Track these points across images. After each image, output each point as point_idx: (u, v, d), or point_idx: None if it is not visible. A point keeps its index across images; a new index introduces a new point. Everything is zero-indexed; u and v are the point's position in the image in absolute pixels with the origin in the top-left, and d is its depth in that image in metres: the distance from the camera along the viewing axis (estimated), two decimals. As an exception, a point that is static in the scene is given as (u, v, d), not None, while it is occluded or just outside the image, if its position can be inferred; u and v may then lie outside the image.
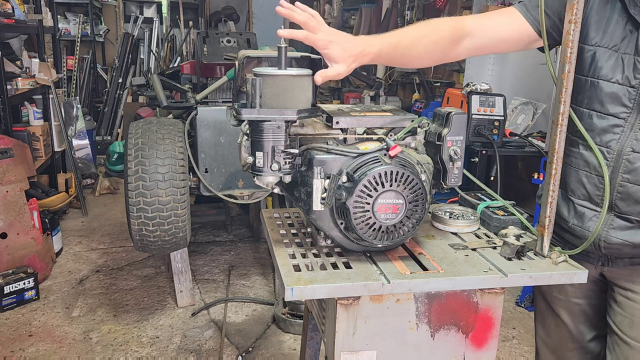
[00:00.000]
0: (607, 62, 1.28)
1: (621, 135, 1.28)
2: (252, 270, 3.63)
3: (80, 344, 2.75)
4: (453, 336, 1.30)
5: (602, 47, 1.29)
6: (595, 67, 1.31)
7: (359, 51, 1.24)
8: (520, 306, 3.22)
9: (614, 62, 1.27)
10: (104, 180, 5.28)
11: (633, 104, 1.26)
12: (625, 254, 1.34)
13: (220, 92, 3.27)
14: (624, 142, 1.27)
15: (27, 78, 4.12)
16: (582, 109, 1.34)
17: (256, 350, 2.75)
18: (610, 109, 1.29)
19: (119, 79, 6.42)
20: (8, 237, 3.19)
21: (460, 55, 1.43)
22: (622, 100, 1.27)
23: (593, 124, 1.32)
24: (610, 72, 1.28)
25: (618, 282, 1.40)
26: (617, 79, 1.27)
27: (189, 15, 7.92)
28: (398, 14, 6.07)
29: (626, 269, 1.37)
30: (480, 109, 3.21)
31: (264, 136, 1.23)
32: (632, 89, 1.25)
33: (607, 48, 1.28)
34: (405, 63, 1.41)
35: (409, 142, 1.37)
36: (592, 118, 1.32)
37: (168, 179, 2.58)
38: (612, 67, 1.28)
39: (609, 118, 1.29)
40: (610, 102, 1.29)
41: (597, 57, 1.30)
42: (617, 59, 1.27)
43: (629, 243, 1.31)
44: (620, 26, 1.26)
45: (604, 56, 1.29)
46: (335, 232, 1.31)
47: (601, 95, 1.30)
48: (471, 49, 1.42)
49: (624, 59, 1.26)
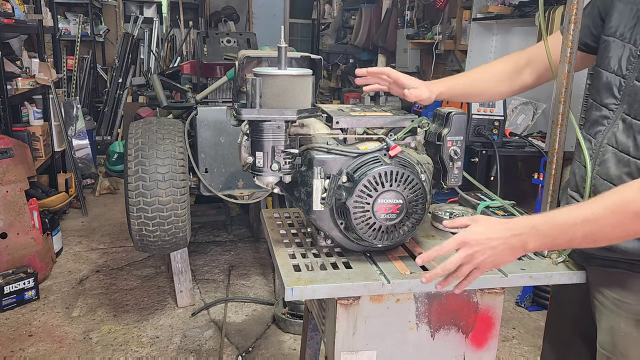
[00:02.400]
0: (614, 52, 1.26)
1: (607, 127, 1.26)
2: (252, 270, 3.63)
3: (80, 344, 2.75)
4: (453, 336, 1.30)
5: (614, 38, 1.26)
6: (603, 57, 1.29)
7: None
8: (520, 306, 3.22)
9: (618, 52, 1.25)
10: (104, 180, 5.28)
11: (622, 96, 1.23)
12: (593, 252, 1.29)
13: (220, 92, 3.27)
14: (605, 134, 1.25)
15: (27, 78, 4.12)
16: (590, 100, 1.34)
17: (256, 350, 2.75)
18: (604, 99, 1.27)
19: (119, 79, 6.43)
20: (8, 237, 3.19)
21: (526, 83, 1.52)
22: (613, 91, 1.25)
23: (591, 115, 1.32)
24: (612, 61, 1.26)
25: (594, 284, 1.35)
26: (614, 69, 1.25)
27: (189, 15, 7.91)
28: (398, 14, 6.07)
29: (600, 271, 1.31)
30: (480, 109, 3.20)
31: (264, 136, 1.23)
32: (622, 80, 1.22)
33: (618, 38, 1.25)
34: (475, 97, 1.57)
35: (409, 142, 1.37)
36: (592, 109, 1.32)
37: (168, 179, 2.58)
38: (615, 57, 1.25)
39: (602, 109, 1.28)
40: (604, 92, 1.27)
41: (609, 48, 1.27)
42: (621, 48, 1.24)
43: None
44: (632, 14, 1.23)
45: (614, 46, 1.26)
46: (335, 232, 1.31)
47: (599, 85, 1.29)
48: (535, 75, 1.50)
49: (625, 47, 1.23)
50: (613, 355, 1.28)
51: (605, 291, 1.30)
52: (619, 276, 1.26)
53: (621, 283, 1.26)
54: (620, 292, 1.26)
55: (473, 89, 1.55)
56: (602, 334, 1.31)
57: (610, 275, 1.28)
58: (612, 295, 1.28)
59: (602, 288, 1.31)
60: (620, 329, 1.26)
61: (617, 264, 1.26)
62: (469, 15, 4.46)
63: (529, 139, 3.34)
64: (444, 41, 5.08)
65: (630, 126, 1.19)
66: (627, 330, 1.24)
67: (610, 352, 1.28)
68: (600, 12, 1.32)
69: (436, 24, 5.26)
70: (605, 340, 1.30)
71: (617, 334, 1.27)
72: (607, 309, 1.29)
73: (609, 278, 1.28)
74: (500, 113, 3.23)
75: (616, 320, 1.27)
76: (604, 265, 1.29)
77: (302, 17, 9.25)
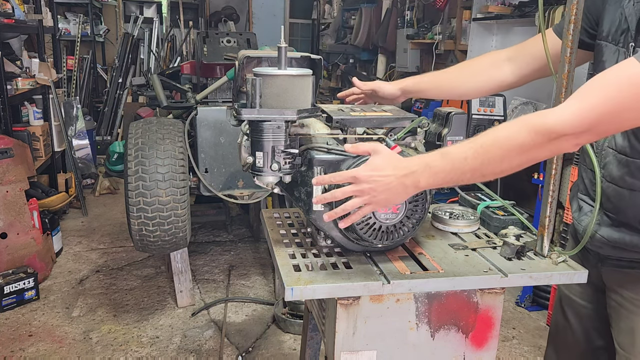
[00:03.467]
0: (608, 56, 1.26)
1: None
2: (252, 270, 3.63)
3: (80, 344, 2.75)
4: (453, 336, 1.30)
5: (607, 42, 1.26)
6: (598, 61, 1.29)
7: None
8: (520, 306, 3.22)
9: (611, 56, 1.25)
10: (104, 180, 5.28)
11: None
12: (609, 253, 1.30)
13: (220, 92, 3.27)
14: (606, 137, 1.25)
15: (27, 78, 4.12)
16: None
17: (256, 350, 2.75)
18: None
19: (119, 79, 6.42)
20: (8, 237, 3.19)
21: (506, 78, 1.48)
22: None
23: None
24: (606, 65, 1.25)
25: (610, 285, 1.35)
26: None
27: (189, 15, 7.91)
28: (398, 14, 6.07)
29: (617, 272, 1.32)
30: (480, 109, 3.21)
31: (264, 136, 1.23)
32: None
33: (610, 42, 1.25)
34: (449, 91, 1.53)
35: (409, 142, 1.37)
36: None
37: (168, 179, 2.58)
38: (608, 61, 1.25)
39: None
40: None
41: (603, 52, 1.27)
42: (614, 53, 1.24)
43: (607, 241, 1.28)
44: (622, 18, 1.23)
45: (607, 50, 1.26)
46: (335, 232, 1.31)
47: None
48: (517, 72, 1.46)
49: (619, 52, 1.23)
50: (632, 355, 1.28)
51: (623, 292, 1.30)
52: (636, 276, 1.26)
53: (639, 283, 1.26)
54: (638, 292, 1.27)
55: (442, 82, 1.52)
56: (621, 335, 1.31)
57: (627, 276, 1.29)
58: (631, 295, 1.28)
59: (619, 289, 1.31)
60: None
61: (633, 264, 1.26)
62: (469, 15, 4.46)
63: (529, 139, 3.33)
64: (444, 41, 5.08)
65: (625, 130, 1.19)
66: None
67: (630, 352, 1.29)
68: (591, 14, 1.31)
69: (436, 24, 5.26)
70: (624, 341, 1.30)
71: (637, 334, 1.27)
72: (625, 310, 1.30)
73: (626, 279, 1.29)
74: (500, 113, 3.24)
75: (635, 321, 1.27)
76: (620, 266, 1.30)
77: (302, 17, 9.24)
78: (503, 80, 1.49)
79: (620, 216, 1.25)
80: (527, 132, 1.05)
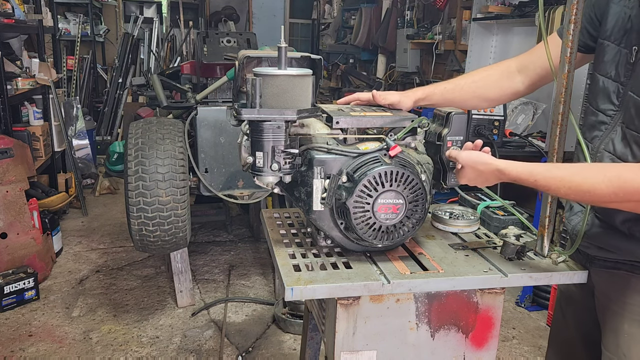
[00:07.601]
0: (609, 56, 1.25)
1: (604, 132, 1.25)
2: (252, 270, 3.63)
3: (80, 344, 2.75)
4: (453, 336, 1.30)
5: (609, 42, 1.26)
6: (599, 61, 1.28)
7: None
8: (520, 306, 3.22)
9: (613, 56, 1.24)
10: (104, 180, 5.28)
11: (620, 102, 1.22)
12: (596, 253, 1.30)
13: (220, 92, 3.27)
14: (603, 140, 1.25)
15: (27, 78, 4.12)
16: (587, 104, 1.34)
17: (256, 350, 2.75)
18: (600, 104, 1.27)
19: (119, 79, 6.42)
20: (8, 237, 3.19)
21: (518, 89, 1.49)
22: (610, 97, 1.24)
23: (587, 119, 1.32)
24: (608, 66, 1.25)
25: (598, 285, 1.35)
26: (611, 74, 1.24)
27: (189, 15, 7.91)
28: (398, 14, 6.07)
29: (603, 273, 1.31)
30: (480, 109, 3.20)
31: (264, 136, 1.23)
32: (621, 86, 1.22)
33: (612, 42, 1.25)
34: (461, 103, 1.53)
35: (409, 142, 1.37)
36: (588, 113, 1.32)
37: (168, 179, 2.58)
38: (611, 62, 1.24)
39: (598, 114, 1.28)
40: (601, 97, 1.27)
41: (604, 51, 1.27)
42: (616, 53, 1.23)
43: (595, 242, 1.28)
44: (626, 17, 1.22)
45: (608, 50, 1.26)
46: (335, 232, 1.31)
47: (596, 90, 1.29)
48: (528, 83, 1.47)
49: (621, 53, 1.22)
50: (616, 356, 1.27)
51: (610, 292, 1.29)
52: (621, 278, 1.26)
53: (624, 284, 1.25)
54: (623, 293, 1.26)
55: (455, 95, 1.50)
56: (607, 336, 1.31)
57: (612, 277, 1.28)
58: (616, 296, 1.27)
59: (605, 290, 1.31)
60: (624, 330, 1.25)
61: (619, 265, 1.26)
62: (469, 15, 4.46)
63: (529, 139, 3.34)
64: (444, 41, 5.09)
65: (626, 135, 1.20)
66: (631, 331, 1.24)
67: (614, 353, 1.28)
68: (595, 14, 1.31)
69: (436, 24, 5.26)
70: (609, 342, 1.30)
71: (620, 336, 1.26)
72: (610, 311, 1.29)
73: (612, 279, 1.28)
74: (500, 113, 3.23)
75: (620, 322, 1.26)
76: (607, 267, 1.29)
77: (302, 17, 9.24)
78: (515, 91, 1.50)
79: (607, 218, 1.25)
80: (613, 191, 1.07)
